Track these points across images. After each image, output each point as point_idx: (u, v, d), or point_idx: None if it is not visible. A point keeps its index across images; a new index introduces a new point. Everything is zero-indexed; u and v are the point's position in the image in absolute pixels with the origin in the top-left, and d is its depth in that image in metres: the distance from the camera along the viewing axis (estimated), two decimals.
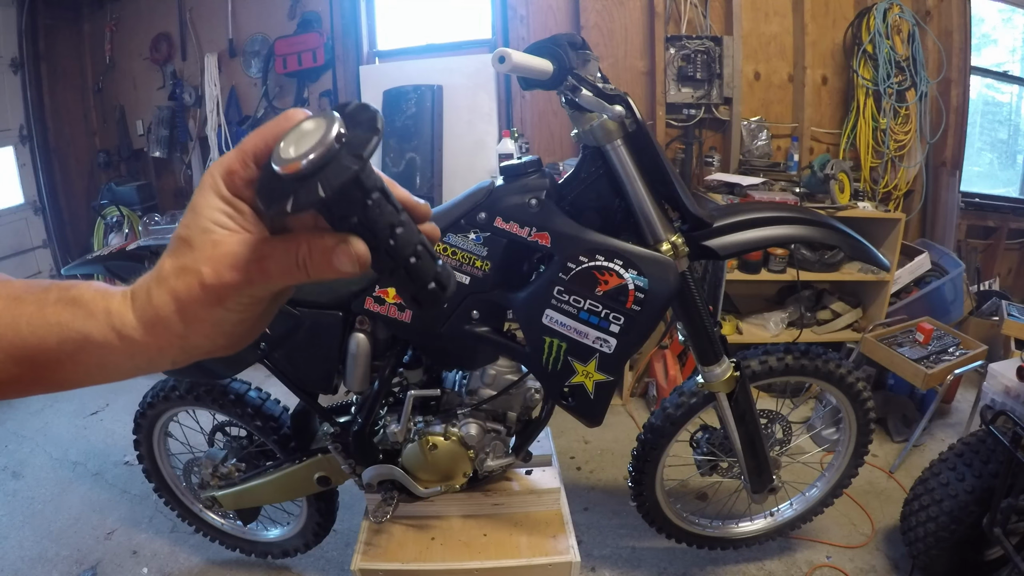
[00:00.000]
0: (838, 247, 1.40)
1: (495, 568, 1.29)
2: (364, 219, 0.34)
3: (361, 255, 0.34)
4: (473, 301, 1.14)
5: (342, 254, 0.34)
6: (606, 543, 1.86)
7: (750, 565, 1.78)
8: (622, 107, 1.07)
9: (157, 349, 0.36)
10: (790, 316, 2.75)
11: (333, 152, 0.31)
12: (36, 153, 3.40)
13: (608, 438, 2.41)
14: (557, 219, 1.10)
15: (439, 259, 0.39)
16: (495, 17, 3.15)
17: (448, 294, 0.39)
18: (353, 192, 0.33)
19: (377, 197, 0.34)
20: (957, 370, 2.12)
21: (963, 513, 1.50)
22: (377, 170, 0.35)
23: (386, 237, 0.35)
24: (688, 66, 2.96)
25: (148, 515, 2.01)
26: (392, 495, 1.37)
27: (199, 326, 0.36)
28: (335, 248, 0.34)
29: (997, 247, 3.30)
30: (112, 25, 3.48)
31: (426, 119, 2.96)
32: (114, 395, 2.82)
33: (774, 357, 1.45)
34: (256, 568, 1.80)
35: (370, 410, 1.29)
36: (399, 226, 0.35)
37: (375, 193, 0.34)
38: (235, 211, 0.35)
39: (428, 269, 0.37)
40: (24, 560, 1.83)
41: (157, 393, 1.53)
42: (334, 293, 1.21)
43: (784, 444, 1.60)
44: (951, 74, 3.03)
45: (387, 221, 0.35)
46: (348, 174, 0.31)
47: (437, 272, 0.38)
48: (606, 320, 1.10)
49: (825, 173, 2.59)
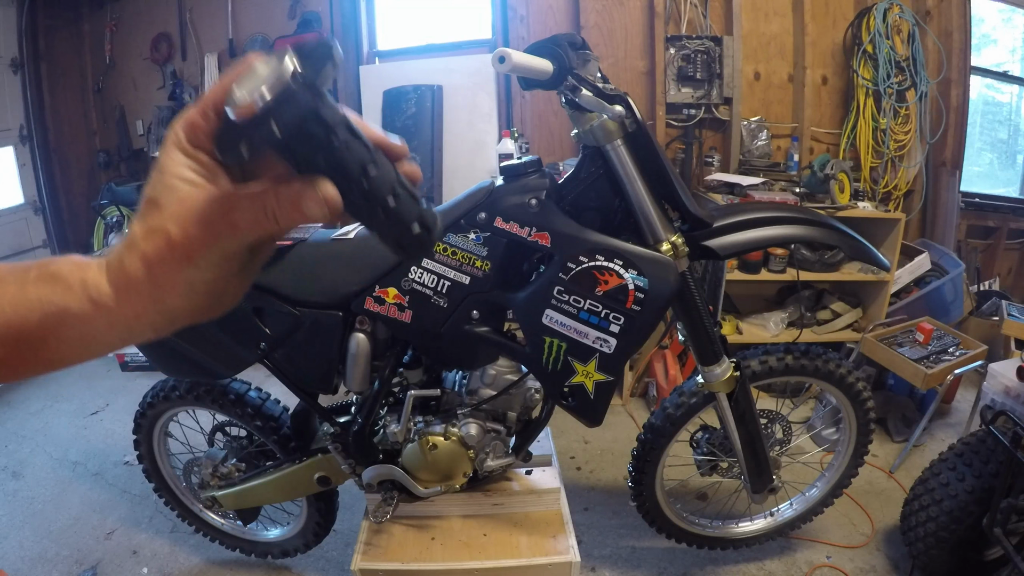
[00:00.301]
0: (838, 247, 1.40)
1: (495, 568, 1.29)
2: (331, 159, 0.32)
3: (331, 198, 0.32)
4: (473, 301, 1.14)
5: (310, 199, 0.32)
6: (606, 543, 1.86)
7: (750, 565, 1.78)
8: (622, 107, 1.07)
9: (134, 315, 0.35)
10: (790, 316, 2.75)
11: (286, 87, 0.30)
12: (36, 153, 3.40)
13: (608, 438, 2.41)
14: (557, 219, 1.10)
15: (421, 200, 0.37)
16: (495, 17, 3.15)
17: (435, 236, 0.37)
18: (312, 129, 0.31)
19: (343, 134, 0.32)
20: (957, 370, 2.12)
21: (963, 513, 1.50)
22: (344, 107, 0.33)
23: (358, 177, 0.33)
24: (688, 66, 2.96)
25: (148, 515, 2.01)
26: (392, 495, 1.37)
27: (172, 287, 0.35)
28: (302, 193, 0.32)
29: (997, 247, 3.30)
30: (112, 25, 3.48)
31: (426, 119, 2.96)
32: (114, 395, 2.82)
33: (774, 357, 1.45)
34: (256, 568, 1.80)
35: (370, 410, 1.29)
36: (371, 164, 0.33)
37: (340, 130, 0.32)
38: (199, 165, 0.34)
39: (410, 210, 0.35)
40: (24, 560, 1.83)
41: (157, 393, 1.53)
42: (334, 293, 1.21)
43: (784, 444, 1.60)
44: (951, 74, 3.03)
45: (357, 159, 0.33)
46: (303, 109, 0.30)
47: (421, 213, 0.36)
48: (606, 320, 1.10)
49: (825, 173, 2.59)
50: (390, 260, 1.17)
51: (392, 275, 1.17)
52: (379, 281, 1.17)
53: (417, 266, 1.15)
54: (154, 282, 0.34)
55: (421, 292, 1.15)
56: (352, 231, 1.26)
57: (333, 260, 1.22)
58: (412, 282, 1.16)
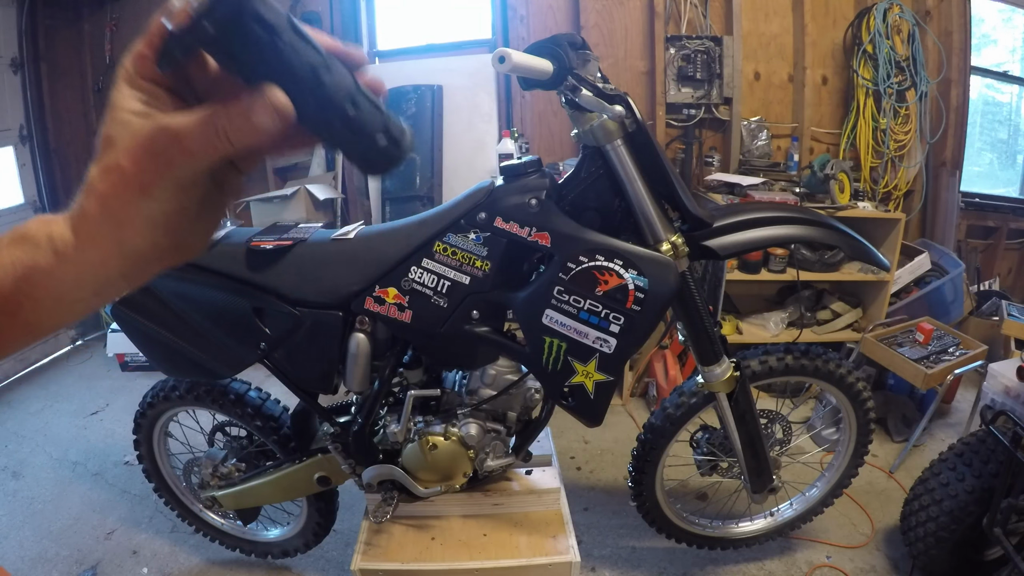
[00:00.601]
0: (838, 247, 1.40)
1: (495, 568, 1.29)
2: (276, 62, 0.30)
3: (280, 104, 0.31)
4: (473, 301, 1.14)
5: (258, 108, 0.31)
6: (606, 543, 1.86)
7: (750, 565, 1.78)
8: (622, 107, 1.07)
9: (100, 261, 0.34)
10: (790, 316, 2.75)
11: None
12: (36, 153, 3.40)
13: (608, 438, 2.41)
14: (557, 219, 1.10)
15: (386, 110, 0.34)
16: (495, 17, 3.15)
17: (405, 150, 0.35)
18: (250, 28, 0.30)
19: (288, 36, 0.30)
20: (957, 370, 2.12)
21: (963, 513, 1.50)
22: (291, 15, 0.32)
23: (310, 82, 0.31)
24: (688, 66, 2.96)
25: (148, 515, 2.01)
26: (392, 495, 1.37)
27: (130, 223, 0.33)
28: (251, 104, 0.31)
29: (997, 247, 3.30)
30: (112, 25, 3.48)
31: (426, 119, 2.96)
32: (114, 395, 2.83)
33: (774, 357, 1.45)
34: (256, 568, 1.80)
35: (370, 410, 1.29)
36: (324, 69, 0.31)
37: (284, 32, 0.30)
38: (149, 96, 0.33)
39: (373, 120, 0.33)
40: (24, 560, 1.83)
41: (157, 393, 1.53)
42: (334, 293, 1.21)
43: (784, 444, 1.60)
44: (951, 74, 3.03)
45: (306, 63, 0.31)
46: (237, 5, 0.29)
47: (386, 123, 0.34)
48: (606, 320, 1.10)
49: (825, 173, 2.59)
50: (390, 260, 1.17)
51: (392, 275, 1.17)
52: (379, 281, 1.18)
53: (417, 266, 1.15)
54: (112, 220, 0.33)
55: (421, 292, 1.15)
56: (352, 231, 1.26)
57: (333, 260, 1.22)
58: (412, 282, 1.16)
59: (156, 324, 1.28)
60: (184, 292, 1.25)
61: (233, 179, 0.38)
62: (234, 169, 0.38)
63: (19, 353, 3.06)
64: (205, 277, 1.22)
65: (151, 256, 0.35)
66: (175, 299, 1.27)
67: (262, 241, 1.23)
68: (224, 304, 1.23)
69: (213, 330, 1.27)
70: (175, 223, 0.34)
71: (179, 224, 0.35)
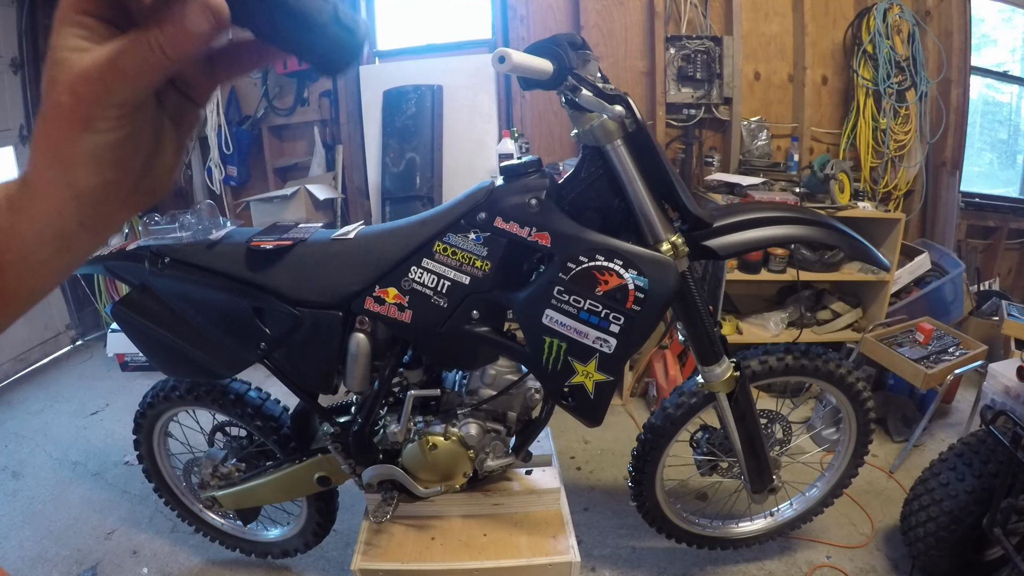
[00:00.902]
0: (838, 247, 1.40)
1: (495, 568, 1.29)
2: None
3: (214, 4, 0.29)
4: (473, 301, 1.14)
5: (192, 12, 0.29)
6: (606, 543, 1.86)
7: (750, 565, 1.78)
8: (622, 107, 1.07)
9: (55, 211, 0.33)
10: (790, 316, 2.75)
11: None
12: None
13: (608, 438, 2.41)
14: (557, 219, 1.10)
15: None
16: (495, 17, 3.15)
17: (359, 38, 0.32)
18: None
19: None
20: (957, 370, 2.12)
21: (963, 513, 1.50)
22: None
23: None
24: (688, 66, 2.96)
25: (148, 515, 2.01)
26: (392, 495, 1.37)
27: (75, 161, 0.32)
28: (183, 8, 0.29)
29: (997, 247, 3.30)
30: None
31: (426, 119, 2.96)
32: (114, 395, 2.83)
33: (774, 357, 1.45)
34: (256, 568, 1.80)
35: (370, 410, 1.29)
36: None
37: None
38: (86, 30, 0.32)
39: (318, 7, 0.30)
40: (24, 560, 1.83)
41: (157, 393, 1.53)
42: (334, 293, 1.21)
43: (784, 444, 1.60)
44: (951, 74, 3.03)
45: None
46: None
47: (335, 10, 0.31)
48: (606, 320, 1.10)
49: (825, 173, 2.59)
50: (390, 260, 1.17)
51: (392, 275, 1.17)
52: (379, 281, 1.18)
53: (417, 266, 1.15)
54: (58, 161, 0.32)
55: (421, 292, 1.15)
56: (352, 231, 1.26)
57: (333, 260, 1.22)
58: (412, 282, 1.16)
59: (156, 324, 1.28)
60: (184, 292, 1.25)
61: (188, 112, 0.37)
62: (187, 101, 0.37)
63: (19, 353, 3.06)
64: (205, 277, 1.22)
65: (107, 198, 0.34)
66: (175, 299, 1.27)
67: (262, 241, 1.23)
68: (224, 304, 1.23)
69: (213, 330, 1.27)
70: (127, 157, 0.33)
71: (131, 159, 0.34)
